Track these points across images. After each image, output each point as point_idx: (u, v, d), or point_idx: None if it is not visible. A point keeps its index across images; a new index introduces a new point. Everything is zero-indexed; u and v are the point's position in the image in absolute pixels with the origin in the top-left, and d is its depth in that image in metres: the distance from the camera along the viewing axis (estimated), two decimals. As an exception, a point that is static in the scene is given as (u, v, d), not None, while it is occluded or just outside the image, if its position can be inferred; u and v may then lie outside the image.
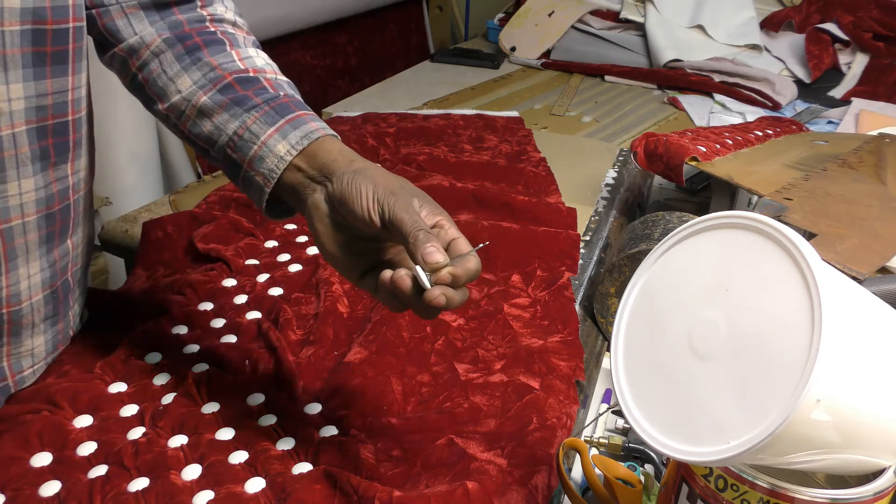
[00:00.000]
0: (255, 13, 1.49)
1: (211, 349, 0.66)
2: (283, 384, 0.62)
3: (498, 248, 0.79)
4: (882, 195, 0.80)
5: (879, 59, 1.57)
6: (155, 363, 0.65)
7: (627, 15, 1.65)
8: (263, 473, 0.53)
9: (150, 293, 0.74)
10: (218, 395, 0.61)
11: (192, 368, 0.63)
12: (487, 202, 0.88)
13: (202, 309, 0.72)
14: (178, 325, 0.69)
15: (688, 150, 0.84)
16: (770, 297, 0.34)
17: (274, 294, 0.74)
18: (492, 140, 1.10)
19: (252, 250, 0.81)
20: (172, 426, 0.58)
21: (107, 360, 0.64)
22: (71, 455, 0.55)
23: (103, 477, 0.53)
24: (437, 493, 0.49)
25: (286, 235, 0.85)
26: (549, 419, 0.57)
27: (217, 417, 0.59)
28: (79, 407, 0.59)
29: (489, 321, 0.69)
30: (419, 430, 0.57)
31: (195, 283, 0.75)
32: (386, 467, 0.54)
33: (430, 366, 0.64)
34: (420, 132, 1.10)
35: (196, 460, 0.55)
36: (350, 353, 0.64)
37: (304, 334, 0.68)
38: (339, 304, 0.71)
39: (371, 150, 1.05)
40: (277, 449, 0.56)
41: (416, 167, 0.98)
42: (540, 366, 0.63)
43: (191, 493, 0.52)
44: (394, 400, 0.60)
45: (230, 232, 0.84)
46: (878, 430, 0.36)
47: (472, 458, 0.53)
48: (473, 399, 0.60)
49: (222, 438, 0.57)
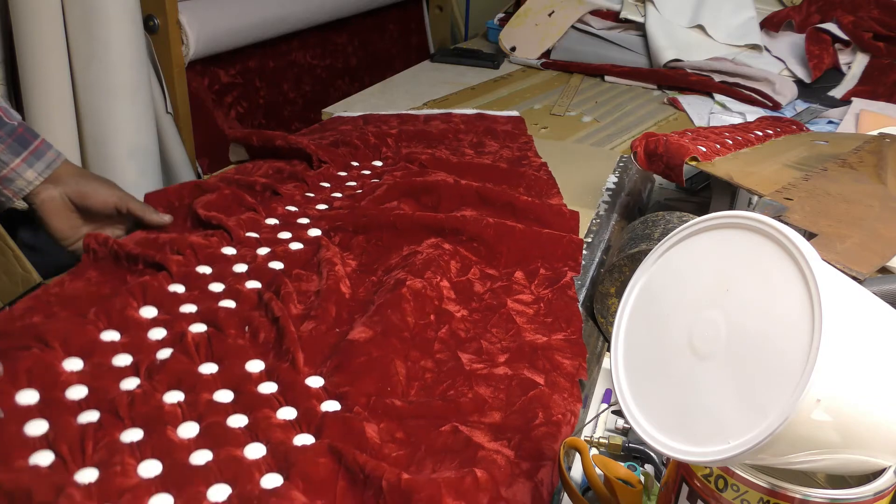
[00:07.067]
0: (255, 13, 1.49)
1: (209, 311, 0.65)
2: (285, 354, 0.60)
3: (502, 246, 0.79)
4: (882, 195, 0.80)
5: (879, 59, 1.57)
6: (151, 318, 0.63)
7: (627, 15, 1.65)
8: (265, 440, 0.52)
9: (149, 247, 0.74)
10: (216, 357, 0.60)
11: (190, 328, 0.62)
12: (491, 201, 0.88)
13: (200, 272, 0.71)
14: (175, 284, 0.68)
15: (688, 150, 0.84)
16: (770, 297, 0.34)
17: (275, 268, 0.73)
18: (493, 145, 1.10)
19: (253, 224, 0.81)
20: (169, 382, 0.56)
21: (101, 306, 0.63)
22: (60, 397, 0.53)
23: (95, 423, 0.52)
24: (447, 479, 0.48)
25: (287, 216, 0.84)
26: (555, 415, 0.57)
27: (216, 378, 0.57)
28: (70, 350, 0.57)
29: (492, 315, 0.69)
30: (423, 416, 0.56)
31: (195, 244, 0.74)
32: (390, 448, 0.53)
33: (434, 353, 0.63)
34: (421, 135, 1.11)
35: (194, 419, 0.53)
36: (354, 331, 0.63)
37: (305, 309, 0.68)
38: (341, 285, 0.71)
39: (374, 147, 1.05)
40: (278, 418, 0.54)
41: (418, 165, 0.98)
42: (544, 362, 0.63)
43: (188, 450, 0.50)
44: (398, 382, 0.59)
45: (233, 204, 0.84)
46: (878, 430, 0.36)
47: (479, 446, 0.52)
48: (478, 390, 0.59)
49: (221, 400, 0.55)
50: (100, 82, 1.19)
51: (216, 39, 1.41)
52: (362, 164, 1.01)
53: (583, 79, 1.55)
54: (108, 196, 0.78)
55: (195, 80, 1.42)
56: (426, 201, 0.89)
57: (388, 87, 1.45)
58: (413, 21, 2.10)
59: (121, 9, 1.17)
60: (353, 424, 0.53)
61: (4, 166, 0.73)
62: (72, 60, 1.18)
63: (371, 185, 0.92)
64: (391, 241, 0.80)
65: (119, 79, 1.20)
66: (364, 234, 0.81)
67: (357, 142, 1.04)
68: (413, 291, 0.68)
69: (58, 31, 1.15)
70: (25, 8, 1.10)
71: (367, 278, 0.74)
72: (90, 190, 0.77)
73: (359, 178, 0.97)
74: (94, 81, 1.19)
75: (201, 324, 0.63)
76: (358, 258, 0.78)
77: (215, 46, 1.42)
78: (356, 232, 0.81)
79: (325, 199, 0.90)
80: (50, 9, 1.12)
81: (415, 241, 0.79)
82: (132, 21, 1.20)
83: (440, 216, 0.82)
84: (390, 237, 0.80)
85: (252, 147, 1.03)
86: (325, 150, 1.00)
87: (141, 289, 0.66)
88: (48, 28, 1.13)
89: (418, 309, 0.67)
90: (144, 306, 0.65)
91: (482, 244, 0.79)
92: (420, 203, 0.89)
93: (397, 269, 0.73)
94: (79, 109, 1.21)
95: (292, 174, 0.95)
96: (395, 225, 0.81)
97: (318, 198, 0.90)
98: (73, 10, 1.15)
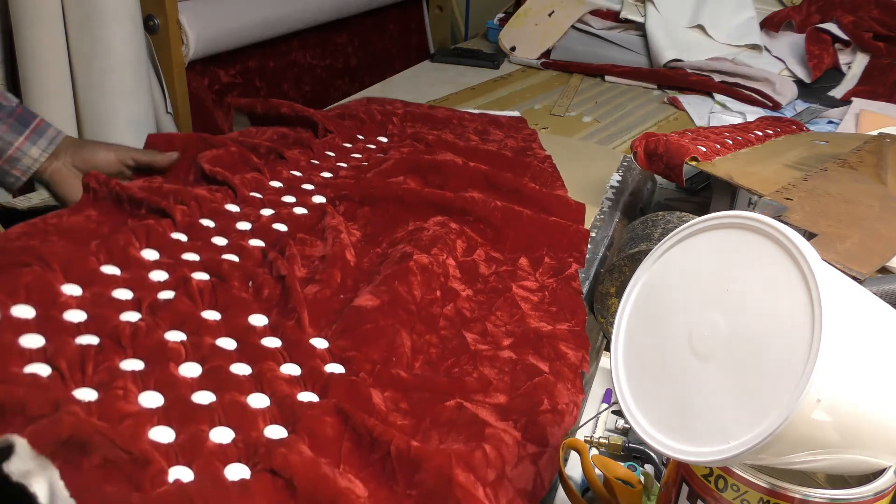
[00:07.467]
0: (255, 13, 1.48)
1: (213, 262, 0.64)
2: (290, 313, 0.59)
3: (509, 230, 0.78)
4: (882, 195, 0.80)
5: (879, 59, 1.57)
6: (153, 259, 0.62)
7: (627, 15, 1.65)
8: (269, 392, 0.50)
9: (153, 194, 0.72)
10: (220, 307, 0.58)
11: (193, 275, 0.60)
12: (498, 186, 0.87)
13: (204, 224, 0.70)
14: (178, 232, 0.67)
15: (688, 150, 0.84)
16: (770, 297, 0.34)
17: (279, 229, 0.72)
18: (497, 134, 1.09)
19: (257, 185, 0.80)
20: (172, 321, 0.54)
21: (103, 241, 0.61)
22: (58, 316, 0.51)
23: (95, 346, 0.49)
24: (457, 450, 0.47)
25: (292, 181, 0.83)
26: (560, 403, 0.56)
27: (219, 325, 0.56)
28: (70, 275, 0.55)
29: (497, 297, 0.68)
30: (427, 390, 0.55)
31: (199, 197, 0.73)
32: (395, 417, 0.51)
33: (439, 329, 0.63)
34: (426, 117, 1.09)
35: (197, 360, 0.51)
36: (360, 298, 0.62)
37: (309, 273, 0.66)
38: (347, 252, 0.70)
39: (379, 123, 1.04)
40: (283, 372, 0.52)
41: (424, 145, 0.97)
42: (549, 350, 0.62)
43: (191, 388, 0.48)
44: (403, 353, 0.58)
45: (238, 162, 0.83)
46: (878, 430, 0.36)
47: (485, 423, 0.51)
48: (482, 370, 0.58)
49: (224, 347, 0.53)
50: (100, 82, 1.19)
51: (216, 39, 1.41)
52: (367, 138, 1.00)
53: (583, 79, 1.55)
54: (109, 154, 0.79)
55: (195, 80, 1.42)
56: (433, 180, 0.88)
57: (388, 88, 1.45)
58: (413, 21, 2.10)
59: (121, 9, 1.17)
60: (360, 389, 0.52)
61: (9, 146, 0.74)
62: (72, 61, 1.18)
63: (377, 158, 0.91)
64: (397, 214, 0.79)
65: (119, 79, 1.20)
66: (370, 206, 0.80)
67: (363, 116, 1.03)
68: (420, 266, 0.67)
69: (58, 31, 1.15)
70: (25, 8, 1.10)
71: (371, 249, 0.73)
72: (91, 154, 0.78)
73: (364, 151, 0.96)
74: (95, 82, 1.19)
75: (204, 273, 0.61)
76: (363, 229, 0.77)
77: (215, 46, 1.42)
78: (362, 202, 0.80)
79: (331, 167, 0.89)
80: (50, 9, 1.12)
81: (421, 217, 0.78)
82: (132, 21, 1.20)
83: (448, 195, 0.81)
84: (396, 210, 0.79)
85: (256, 116, 1.02)
86: (332, 120, 0.99)
87: (144, 231, 0.65)
88: (48, 28, 1.13)
89: (425, 283, 0.66)
90: (146, 248, 0.63)
91: (489, 226, 0.79)
92: (427, 181, 0.88)
93: (403, 243, 0.72)
94: (79, 109, 1.21)
95: (298, 140, 0.94)
96: (402, 199, 0.80)
97: (322, 165, 0.89)
98: (73, 10, 1.15)
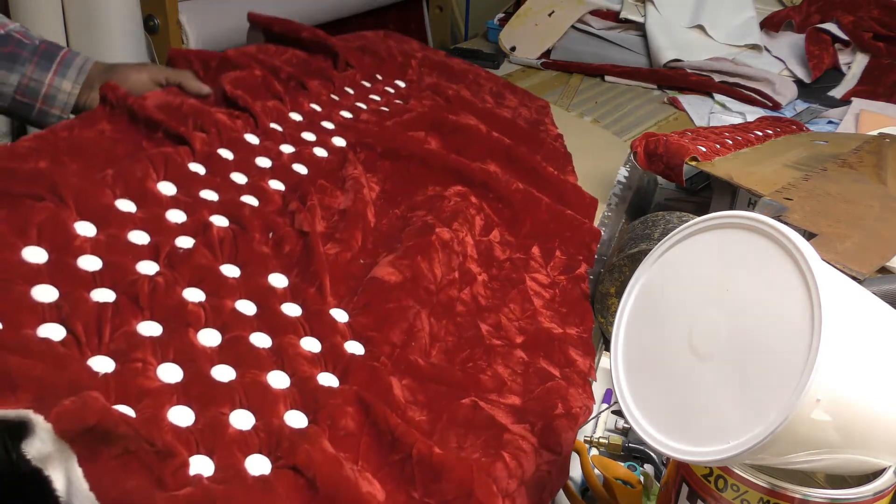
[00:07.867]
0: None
1: (232, 204, 0.61)
2: (312, 277, 0.57)
3: (526, 215, 0.78)
4: (882, 195, 0.80)
5: (879, 59, 1.57)
6: (170, 195, 0.59)
7: (627, 15, 1.65)
8: (290, 371, 0.49)
9: (172, 116, 0.69)
10: (240, 261, 0.56)
11: (212, 219, 0.58)
12: (517, 161, 0.86)
13: (223, 155, 0.67)
14: (195, 163, 0.64)
15: (688, 150, 0.84)
16: (770, 296, 0.34)
17: (299, 171, 0.70)
18: (512, 100, 1.08)
19: (278, 115, 0.77)
20: (191, 277, 0.52)
21: (118, 171, 0.58)
22: (72, 263, 0.48)
23: (112, 305, 0.47)
24: (479, 462, 0.47)
25: (312, 115, 0.81)
26: (574, 407, 0.55)
27: (239, 285, 0.53)
28: (83, 211, 0.52)
29: (511, 288, 0.68)
30: (444, 383, 0.54)
31: (220, 123, 0.70)
32: (413, 411, 0.51)
33: (455, 315, 0.62)
34: (443, 66, 1.07)
35: (217, 327, 0.49)
36: (381, 268, 0.60)
37: (329, 228, 0.64)
38: (368, 211, 0.68)
39: (399, 66, 1.02)
40: (303, 348, 0.51)
41: (444, 100, 0.95)
42: (560, 356, 0.62)
43: (210, 361, 0.47)
44: (422, 338, 0.57)
45: (261, 87, 0.80)
46: (878, 430, 0.36)
47: (503, 427, 0.51)
48: (496, 368, 0.58)
49: (244, 312, 0.52)
50: (100, 82, 1.19)
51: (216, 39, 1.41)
52: (385, 79, 0.98)
53: (583, 79, 1.55)
54: (141, 75, 0.77)
55: (195, 80, 1.42)
56: (452, 141, 0.86)
57: (388, 87, 1.45)
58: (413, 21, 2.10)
59: (121, 9, 1.17)
60: (381, 376, 0.51)
61: (41, 85, 0.73)
62: (72, 60, 1.18)
63: (398, 106, 0.90)
64: (417, 174, 0.77)
65: (119, 79, 1.20)
66: (391, 160, 0.78)
67: (383, 54, 1.01)
68: (442, 241, 0.66)
69: (58, 31, 1.15)
70: (25, 8, 1.11)
71: (390, 210, 0.72)
72: (123, 77, 0.76)
73: (383, 94, 0.94)
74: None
75: (223, 217, 0.59)
76: (382, 183, 0.76)
77: (215, 46, 1.41)
78: (383, 155, 0.78)
79: (350, 106, 0.87)
80: (50, 9, 1.13)
81: (440, 182, 0.77)
82: (132, 21, 1.20)
83: (472, 165, 0.80)
84: (417, 170, 0.78)
85: (272, 34, 0.98)
86: (353, 53, 0.96)
87: (162, 160, 0.61)
88: (48, 28, 1.13)
89: (445, 262, 0.65)
90: (164, 181, 0.60)
91: (507, 207, 0.78)
92: (446, 141, 0.86)
93: (422, 210, 0.71)
94: (79, 109, 1.21)
95: (318, 70, 0.91)
96: (424, 160, 0.78)
97: (342, 102, 0.87)
98: (73, 10, 1.16)
